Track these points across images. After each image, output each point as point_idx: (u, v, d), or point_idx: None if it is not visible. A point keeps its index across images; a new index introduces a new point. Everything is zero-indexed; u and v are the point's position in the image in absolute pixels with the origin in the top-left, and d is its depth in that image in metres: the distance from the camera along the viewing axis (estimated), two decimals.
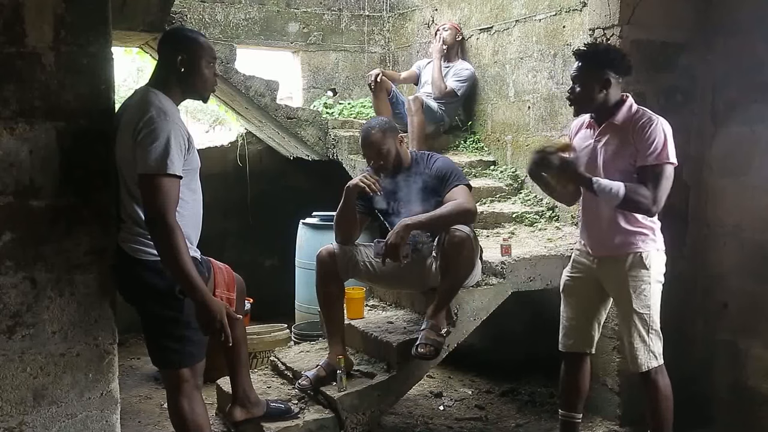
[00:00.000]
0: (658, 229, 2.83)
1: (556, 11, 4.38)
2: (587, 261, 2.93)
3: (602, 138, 2.81)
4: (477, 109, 5.15)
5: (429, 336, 3.13)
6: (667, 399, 2.83)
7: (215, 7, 5.44)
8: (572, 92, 2.81)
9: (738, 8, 3.37)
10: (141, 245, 2.39)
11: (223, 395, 3.46)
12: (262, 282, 4.87)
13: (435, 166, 3.36)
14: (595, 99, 2.75)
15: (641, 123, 2.71)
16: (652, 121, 2.71)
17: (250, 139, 5.99)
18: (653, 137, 2.67)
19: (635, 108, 2.78)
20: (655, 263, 2.80)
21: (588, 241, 2.93)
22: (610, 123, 2.78)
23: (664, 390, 2.83)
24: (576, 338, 2.98)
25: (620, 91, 2.80)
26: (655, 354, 2.81)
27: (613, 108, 2.78)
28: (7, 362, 2.31)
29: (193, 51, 2.46)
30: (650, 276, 2.78)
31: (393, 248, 3.10)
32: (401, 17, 6.01)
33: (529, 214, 4.34)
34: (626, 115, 2.76)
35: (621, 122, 2.76)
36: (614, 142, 2.77)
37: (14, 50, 2.27)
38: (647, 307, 2.78)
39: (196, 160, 2.49)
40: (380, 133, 3.30)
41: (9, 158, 2.28)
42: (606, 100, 2.76)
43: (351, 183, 3.27)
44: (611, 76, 2.73)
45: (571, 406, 3.05)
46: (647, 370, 2.80)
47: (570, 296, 3.00)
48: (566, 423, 3.08)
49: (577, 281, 2.97)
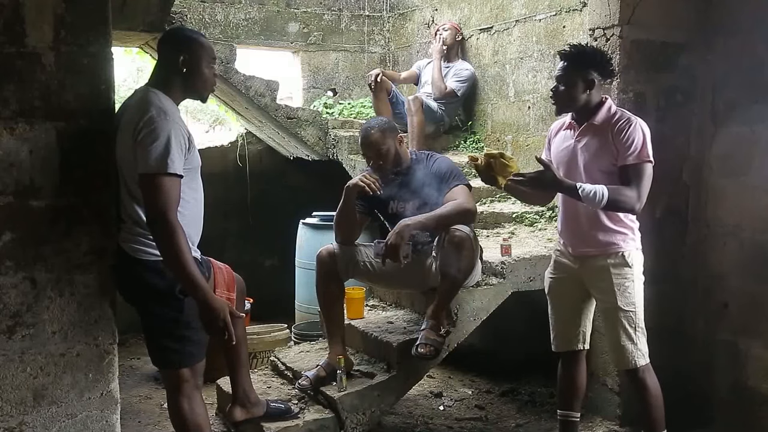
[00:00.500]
0: (637, 228, 2.87)
1: (556, 11, 4.38)
2: (568, 261, 2.95)
3: (582, 139, 2.84)
4: (477, 109, 5.15)
5: (429, 336, 3.13)
6: (657, 397, 2.86)
7: (215, 7, 5.44)
8: (556, 91, 2.84)
9: (738, 8, 3.37)
10: (141, 245, 2.39)
11: (223, 395, 3.46)
12: (262, 282, 4.87)
13: (435, 166, 3.36)
14: (578, 99, 2.79)
15: (620, 124, 2.75)
16: (631, 122, 2.75)
17: (250, 139, 5.99)
18: (632, 138, 2.71)
19: (614, 109, 2.83)
20: (636, 261, 2.83)
21: (569, 241, 2.95)
22: (590, 124, 2.82)
23: (654, 389, 2.85)
24: (565, 337, 3.01)
25: (601, 93, 2.84)
26: (642, 352, 2.83)
27: (593, 109, 2.82)
28: (7, 362, 2.31)
29: (194, 51, 2.46)
30: (633, 274, 2.81)
31: (393, 249, 3.10)
32: (401, 17, 6.01)
33: (529, 214, 4.34)
34: (605, 116, 2.80)
35: (600, 123, 2.80)
36: (594, 142, 2.80)
37: (14, 50, 2.27)
38: (632, 305, 2.81)
39: (197, 159, 2.48)
40: (380, 132, 3.30)
41: (9, 158, 2.28)
42: (588, 101, 2.80)
43: (350, 183, 3.27)
44: (595, 77, 2.77)
45: (568, 404, 3.07)
46: (635, 368, 2.82)
47: (554, 297, 3.04)
48: (565, 422, 3.09)
49: (560, 282, 3.00)
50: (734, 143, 3.41)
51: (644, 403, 2.87)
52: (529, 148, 4.66)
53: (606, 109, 2.82)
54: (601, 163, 2.78)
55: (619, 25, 3.38)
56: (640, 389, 2.86)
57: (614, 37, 3.40)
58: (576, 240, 2.91)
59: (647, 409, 2.87)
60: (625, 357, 2.82)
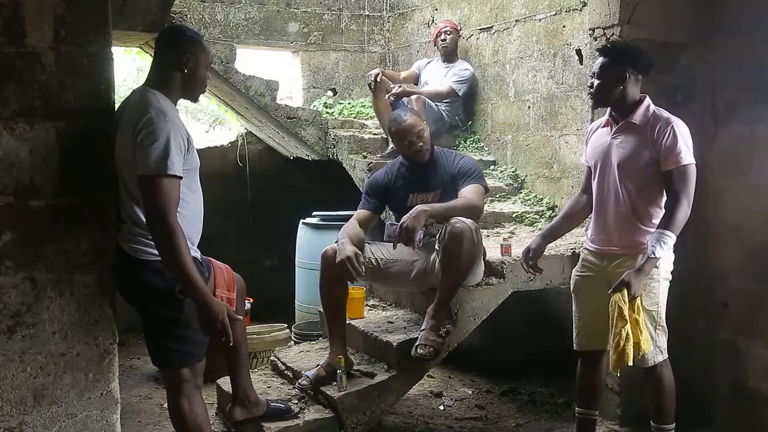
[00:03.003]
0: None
1: (556, 11, 4.38)
2: (596, 260, 2.96)
3: (619, 136, 2.87)
4: (477, 109, 5.15)
5: (428, 337, 3.13)
6: (671, 391, 2.91)
7: (215, 7, 5.43)
8: (591, 87, 2.88)
9: (738, 8, 3.37)
10: (141, 245, 2.39)
11: (223, 395, 3.46)
12: (262, 282, 4.87)
13: (461, 163, 3.41)
14: (612, 93, 2.82)
15: (658, 127, 2.77)
16: (669, 124, 2.76)
17: (250, 139, 5.99)
18: (672, 142, 2.73)
19: (652, 108, 2.83)
20: (664, 261, 2.83)
21: (597, 239, 2.96)
22: (628, 122, 2.84)
23: (668, 382, 2.90)
24: (589, 337, 3.01)
25: (639, 91, 2.85)
26: (661, 349, 2.87)
27: (631, 107, 2.83)
28: (7, 362, 2.31)
29: (197, 53, 2.47)
30: (659, 274, 2.82)
31: (408, 231, 3.09)
32: (401, 17, 6.01)
33: (529, 214, 4.34)
34: (643, 115, 2.82)
35: (638, 122, 2.82)
36: (630, 141, 2.83)
37: (14, 50, 2.27)
38: (656, 305, 2.83)
39: (196, 160, 2.49)
40: (412, 117, 3.42)
41: (9, 158, 2.28)
42: (622, 97, 2.82)
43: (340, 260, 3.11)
44: (629, 73, 2.79)
45: (588, 403, 3.09)
46: (654, 365, 2.85)
47: (580, 295, 3.04)
48: (583, 420, 3.10)
49: (587, 280, 3.00)
50: (734, 143, 3.41)
51: (657, 396, 2.91)
52: (528, 148, 4.66)
53: (644, 107, 2.83)
54: (637, 161, 2.80)
55: (619, 24, 3.38)
56: (656, 382, 2.90)
57: (614, 37, 3.40)
58: (604, 238, 2.94)
59: (659, 402, 2.91)
60: (645, 356, 2.81)
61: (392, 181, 3.49)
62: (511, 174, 4.73)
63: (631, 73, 2.79)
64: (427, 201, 3.35)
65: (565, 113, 4.34)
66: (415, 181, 3.44)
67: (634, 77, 2.81)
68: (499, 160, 4.93)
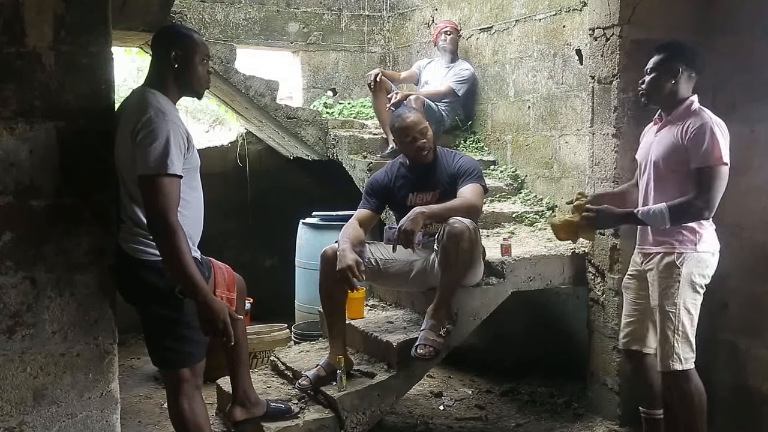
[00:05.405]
0: (704, 231, 2.81)
1: (556, 11, 4.38)
2: (638, 259, 2.98)
3: (660, 133, 2.87)
4: (477, 109, 5.15)
5: (428, 337, 3.13)
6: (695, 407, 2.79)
7: (215, 7, 5.44)
8: (643, 83, 2.87)
9: (738, 8, 3.36)
10: (141, 245, 2.39)
11: (223, 395, 3.46)
12: (262, 282, 4.86)
13: (460, 162, 3.41)
14: (663, 88, 2.81)
15: (689, 124, 2.74)
16: (701, 121, 2.72)
17: (250, 139, 5.99)
18: (701, 139, 2.69)
19: (694, 107, 2.81)
20: (689, 264, 2.78)
21: (640, 239, 2.98)
22: (669, 119, 2.84)
23: (690, 398, 2.79)
24: (631, 336, 3.02)
25: (690, 89, 2.84)
26: (681, 357, 2.76)
27: (677, 104, 2.83)
28: (7, 362, 2.31)
29: (186, 47, 2.45)
30: (681, 276, 2.77)
31: (407, 234, 3.09)
32: (401, 17, 6.01)
33: (529, 214, 4.34)
34: (682, 113, 2.81)
35: (676, 119, 2.81)
36: (667, 138, 2.82)
37: (14, 50, 2.27)
38: (674, 306, 2.77)
39: (196, 159, 2.48)
40: (415, 114, 3.44)
41: (9, 158, 2.28)
42: (673, 92, 2.81)
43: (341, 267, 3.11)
44: (682, 68, 2.79)
45: (648, 402, 3.06)
46: (669, 371, 2.78)
47: (627, 295, 3.07)
48: (646, 420, 3.08)
49: (632, 280, 3.03)
50: (734, 143, 3.41)
51: (681, 410, 2.83)
52: (528, 148, 4.67)
53: (686, 105, 2.81)
54: (669, 159, 2.78)
55: (619, 24, 3.38)
56: (676, 396, 2.82)
57: (614, 37, 3.40)
58: (641, 238, 2.96)
59: (683, 417, 2.83)
60: (661, 359, 2.79)
61: (392, 180, 3.50)
62: (511, 174, 4.73)
63: (684, 69, 2.79)
64: (427, 200, 3.35)
65: (565, 113, 4.34)
66: (415, 181, 3.44)
67: (687, 74, 2.80)
68: (499, 160, 4.93)
